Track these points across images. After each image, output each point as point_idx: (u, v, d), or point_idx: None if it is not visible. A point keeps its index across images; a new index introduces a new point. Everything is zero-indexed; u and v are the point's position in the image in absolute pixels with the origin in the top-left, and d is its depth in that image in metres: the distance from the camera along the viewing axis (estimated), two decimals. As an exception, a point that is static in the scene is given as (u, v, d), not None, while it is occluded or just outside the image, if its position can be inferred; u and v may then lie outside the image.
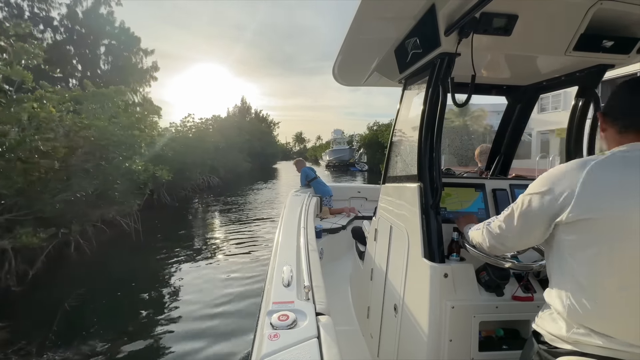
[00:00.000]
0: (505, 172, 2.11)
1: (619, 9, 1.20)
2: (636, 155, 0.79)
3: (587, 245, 0.78)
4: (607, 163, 0.80)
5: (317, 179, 4.99)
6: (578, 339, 0.79)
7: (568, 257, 0.83)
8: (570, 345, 0.80)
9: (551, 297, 0.88)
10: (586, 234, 0.79)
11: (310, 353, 0.95)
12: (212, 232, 9.06)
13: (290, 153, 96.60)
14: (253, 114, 54.26)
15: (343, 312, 2.57)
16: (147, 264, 6.25)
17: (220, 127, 23.24)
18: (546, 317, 0.89)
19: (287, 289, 1.37)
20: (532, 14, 1.22)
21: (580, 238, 0.80)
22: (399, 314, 1.52)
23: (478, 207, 1.54)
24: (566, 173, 0.83)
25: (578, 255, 0.81)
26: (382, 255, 1.83)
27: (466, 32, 1.22)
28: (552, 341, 0.85)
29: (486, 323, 1.29)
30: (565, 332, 0.81)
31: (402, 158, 1.82)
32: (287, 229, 2.48)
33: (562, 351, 0.82)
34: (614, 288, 0.75)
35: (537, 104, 10.29)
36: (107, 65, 19.30)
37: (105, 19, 18.41)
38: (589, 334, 0.77)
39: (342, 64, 2.15)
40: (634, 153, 0.80)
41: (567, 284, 0.83)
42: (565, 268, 0.84)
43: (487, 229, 1.07)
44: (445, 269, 1.28)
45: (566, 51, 1.34)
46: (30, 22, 15.88)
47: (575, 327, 0.80)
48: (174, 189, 12.55)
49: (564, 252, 0.84)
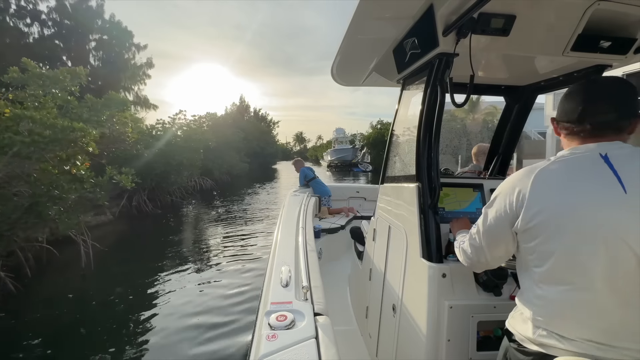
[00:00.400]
0: (504, 172, 2.11)
1: (616, 10, 1.20)
2: (575, 158, 0.83)
3: (542, 250, 0.81)
4: (550, 168, 0.83)
5: (316, 179, 4.99)
6: (542, 341, 0.81)
7: (529, 262, 0.86)
8: (537, 346, 0.83)
9: (520, 299, 0.91)
10: (539, 238, 0.81)
11: (309, 353, 0.94)
12: (192, 251, 6.97)
13: (290, 153, 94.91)
14: (252, 112, 50.92)
15: (342, 312, 2.57)
16: (81, 306, 4.53)
17: (215, 126, 21.37)
18: (517, 317, 0.92)
19: (285, 289, 1.36)
20: (530, 14, 1.23)
21: (535, 243, 0.83)
22: (397, 313, 1.52)
23: (476, 207, 1.54)
24: (516, 182, 0.87)
25: (535, 259, 0.83)
26: (381, 255, 1.83)
27: (464, 33, 1.22)
28: (521, 341, 0.88)
29: (484, 323, 1.30)
30: (532, 334, 0.84)
31: (401, 158, 1.82)
32: (285, 228, 2.48)
33: (529, 351, 0.84)
34: (572, 290, 0.77)
35: (551, 102, 10.34)
36: (97, 61, 18.14)
37: (95, 11, 17.22)
38: (552, 336, 0.80)
39: (340, 64, 2.15)
40: (573, 156, 0.83)
41: (530, 288, 0.86)
42: (528, 272, 0.87)
43: (462, 248, 1.08)
44: (444, 268, 1.28)
45: (564, 51, 1.34)
46: (16, 15, 14.96)
47: (540, 329, 0.82)
48: (157, 195, 11.46)
49: (526, 257, 0.88)
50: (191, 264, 6.00)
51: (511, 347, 0.92)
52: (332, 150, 44.83)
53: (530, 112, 2.02)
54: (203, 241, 7.89)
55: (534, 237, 0.82)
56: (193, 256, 6.56)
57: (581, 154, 0.83)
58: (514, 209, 0.86)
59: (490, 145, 2.22)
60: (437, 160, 1.43)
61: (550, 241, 0.79)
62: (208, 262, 6.13)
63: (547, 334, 0.81)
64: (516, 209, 0.85)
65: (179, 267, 5.77)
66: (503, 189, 0.91)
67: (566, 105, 0.90)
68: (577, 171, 0.81)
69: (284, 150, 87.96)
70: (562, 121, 0.91)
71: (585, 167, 0.80)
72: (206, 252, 6.85)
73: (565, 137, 0.91)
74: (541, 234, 0.80)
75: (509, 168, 2.12)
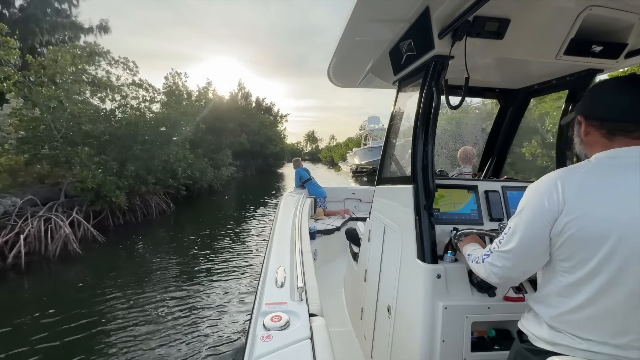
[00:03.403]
0: (497, 174, 2.13)
1: (608, 15, 1.23)
2: (623, 162, 0.77)
3: (577, 259, 0.78)
4: (594, 170, 0.79)
5: (311, 180, 4.99)
6: (559, 341, 0.81)
7: (557, 267, 0.84)
8: (551, 346, 0.83)
9: (537, 301, 0.89)
10: (576, 246, 0.78)
11: (303, 354, 0.94)
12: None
13: (301, 154, 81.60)
14: (254, 102, 38.20)
15: (337, 313, 2.57)
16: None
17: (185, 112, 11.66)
18: (531, 319, 0.91)
19: (280, 290, 1.36)
20: (524, 18, 1.24)
21: (570, 251, 0.79)
22: (392, 314, 1.52)
23: (471, 208, 1.55)
24: (553, 185, 0.80)
25: (567, 267, 0.81)
26: (376, 256, 1.83)
27: (459, 35, 1.23)
28: (534, 341, 0.87)
29: (478, 323, 1.30)
30: (547, 335, 0.84)
31: (396, 160, 1.83)
32: (280, 230, 2.47)
33: (543, 351, 0.84)
34: (599, 298, 0.76)
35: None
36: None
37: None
38: (571, 337, 0.80)
39: (337, 65, 2.15)
40: (621, 160, 0.78)
41: (553, 292, 0.85)
42: (554, 277, 0.85)
43: (488, 262, 0.95)
44: (438, 269, 1.29)
45: (557, 55, 1.36)
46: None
47: (556, 330, 0.82)
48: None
49: (554, 263, 0.84)
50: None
51: (523, 349, 0.90)
52: (362, 150, 28.93)
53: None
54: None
55: (570, 244, 0.78)
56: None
57: (627, 159, 0.77)
58: (553, 214, 0.79)
59: (484, 147, 2.25)
60: (433, 161, 1.44)
61: (588, 252, 0.76)
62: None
63: (564, 335, 0.80)
64: (555, 214, 0.79)
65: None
66: (538, 189, 0.83)
67: (620, 100, 0.79)
68: (622, 179, 0.75)
69: (294, 151, 75.81)
70: (610, 119, 0.81)
71: (631, 174, 0.75)
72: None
73: (604, 138, 0.82)
74: (579, 243, 0.76)
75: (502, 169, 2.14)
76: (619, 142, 0.80)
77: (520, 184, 1.65)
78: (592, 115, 0.85)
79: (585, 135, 0.87)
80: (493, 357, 1.28)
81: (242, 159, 23.92)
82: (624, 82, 0.81)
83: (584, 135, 0.88)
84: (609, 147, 0.81)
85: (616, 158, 0.78)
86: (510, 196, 1.59)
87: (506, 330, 1.34)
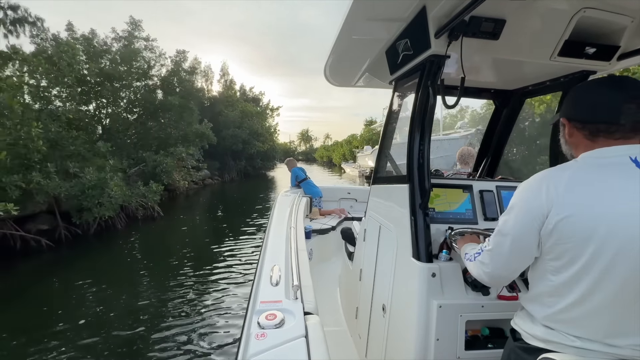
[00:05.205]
0: (492, 174, 2.15)
1: (601, 17, 1.24)
2: (609, 162, 0.78)
3: (566, 257, 0.79)
4: (581, 169, 0.80)
5: (307, 180, 4.98)
6: (552, 339, 0.82)
7: (547, 265, 0.84)
8: (544, 344, 0.83)
9: (529, 300, 0.90)
10: (566, 245, 0.78)
11: (298, 353, 0.94)
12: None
13: (294, 153, 77.65)
14: (239, 91, 30.22)
15: (332, 313, 2.57)
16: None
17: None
18: (523, 317, 0.92)
19: (275, 288, 1.35)
20: (519, 19, 1.25)
21: (560, 250, 0.80)
22: (387, 313, 1.52)
23: (466, 208, 1.56)
24: (542, 184, 0.82)
25: (556, 265, 0.82)
26: (371, 255, 1.83)
27: (456, 35, 1.24)
28: (527, 339, 0.88)
29: (472, 322, 1.31)
30: (540, 333, 0.84)
31: (392, 159, 1.84)
32: (276, 228, 2.46)
33: (536, 349, 0.85)
34: (591, 295, 0.77)
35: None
36: None
37: None
38: (564, 335, 0.80)
39: (333, 64, 2.15)
40: (606, 159, 0.79)
41: (544, 290, 0.85)
42: (544, 275, 0.86)
43: (479, 261, 0.98)
44: (433, 268, 1.29)
45: (551, 57, 1.38)
46: None
47: (549, 328, 0.83)
48: None
49: (544, 261, 0.85)
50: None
51: (516, 347, 0.91)
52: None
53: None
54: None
55: (559, 242, 0.79)
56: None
57: (611, 158, 0.78)
58: (542, 211, 0.80)
59: (479, 147, 2.26)
60: (428, 161, 1.44)
61: (577, 250, 0.76)
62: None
63: (557, 333, 0.81)
64: (544, 211, 0.80)
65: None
66: (528, 187, 0.85)
67: (599, 102, 0.81)
68: (607, 177, 0.76)
69: (286, 150, 70.93)
70: (591, 121, 0.82)
71: (616, 172, 0.76)
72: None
73: (586, 138, 0.83)
74: (568, 241, 0.77)
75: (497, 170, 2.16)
76: (601, 142, 0.81)
77: (513, 184, 1.66)
78: (574, 117, 0.86)
79: (569, 137, 0.89)
80: (487, 355, 1.29)
81: (217, 159, 17.86)
82: (603, 84, 0.82)
83: (568, 137, 0.89)
84: (592, 147, 0.82)
85: (601, 158, 0.80)
86: (504, 196, 1.60)
87: (500, 329, 1.35)
